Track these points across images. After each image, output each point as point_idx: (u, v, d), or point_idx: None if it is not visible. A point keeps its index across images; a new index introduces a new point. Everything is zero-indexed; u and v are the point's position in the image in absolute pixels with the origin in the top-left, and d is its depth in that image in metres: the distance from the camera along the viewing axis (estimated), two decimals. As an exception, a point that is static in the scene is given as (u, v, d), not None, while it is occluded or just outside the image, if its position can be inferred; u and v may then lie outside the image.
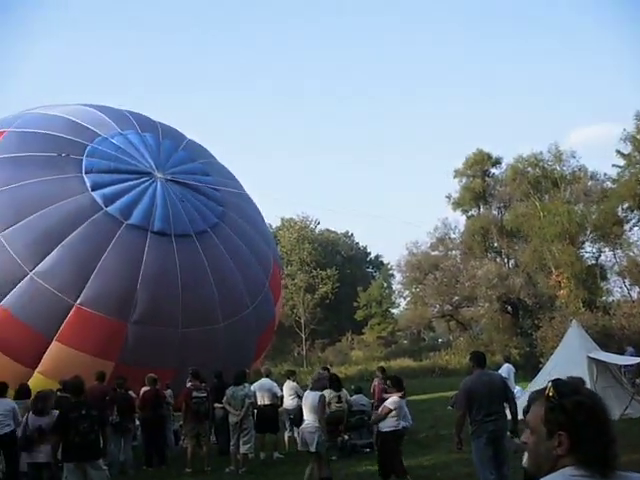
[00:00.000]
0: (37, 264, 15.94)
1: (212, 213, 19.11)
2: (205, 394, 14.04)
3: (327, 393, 14.91)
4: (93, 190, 17.29)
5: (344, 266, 63.40)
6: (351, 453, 14.72)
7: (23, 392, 12.74)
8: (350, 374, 37.03)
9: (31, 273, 15.86)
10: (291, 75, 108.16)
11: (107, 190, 17.44)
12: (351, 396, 15.60)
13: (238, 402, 13.56)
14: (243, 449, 13.47)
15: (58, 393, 11.91)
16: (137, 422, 14.77)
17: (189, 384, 14.23)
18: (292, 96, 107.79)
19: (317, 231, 62.30)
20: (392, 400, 10.62)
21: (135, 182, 18.02)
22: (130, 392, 14.17)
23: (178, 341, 16.71)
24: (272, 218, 55.41)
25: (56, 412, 9.37)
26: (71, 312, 15.87)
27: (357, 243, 74.59)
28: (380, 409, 10.60)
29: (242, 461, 13.40)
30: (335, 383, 15.10)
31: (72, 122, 18.85)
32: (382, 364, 28.90)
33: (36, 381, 14.63)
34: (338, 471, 12.58)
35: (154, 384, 14.43)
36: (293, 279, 51.62)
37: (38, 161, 17.35)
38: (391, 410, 10.40)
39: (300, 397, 15.85)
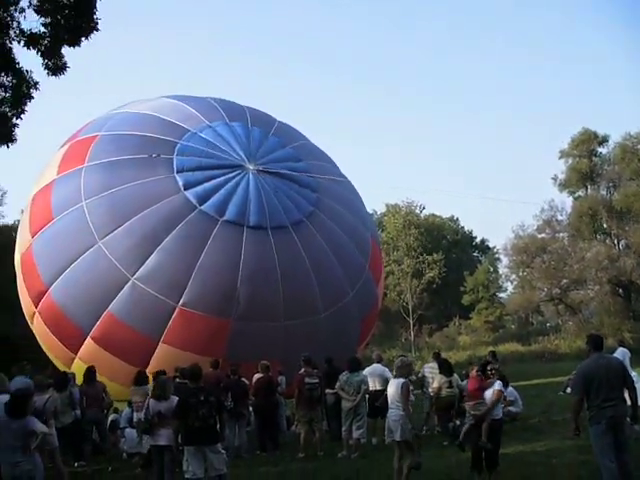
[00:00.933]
0: (137, 269, 16.24)
1: (306, 201, 18.92)
2: (317, 380, 14.15)
3: (438, 378, 14.91)
4: (186, 189, 17.38)
5: (450, 251, 62.66)
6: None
7: (141, 379, 13.31)
8: (459, 359, 36.59)
9: (132, 279, 16.19)
10: (390, 61, 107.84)
11: (200, 188, 17.50)
12: (462, 381, 15.43)
13: (353, 388, 13.64)
14: (356, 434, 13.53)
15: (177, 380, 12.27)
16: (250, 408, 15.03)
17: (302, 370, 14.39)
18: (390, 81, 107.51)
19: (422, 216, 61.77)
20: (499, 385, 10.40)
21: (227, 177, 18.00)
22: (243, 379, 14.44)
23: (281, 334, 16.75)
24: (377, 204, 55.30)
25: (175, 398, 9.68)
26: (174, 314, 16.14)
27: (462, 227, 73.58)
28: (492, 394, 10.30)
29: (355, 446, 13.46)
30: (446, 368, 14.97)
31: (160, 120, 19.00)
32: (490, 349, 28.48)
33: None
34: (450, 457, 12.47)
35: (267, 371, 14.61)
36: (399, 265, 51.38)
37: (131, 164, 17.58)
38: (503, 395, 10.18)
39: (412, 382, 15.85)
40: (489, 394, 10.13)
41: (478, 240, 75.08)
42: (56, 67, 12.89)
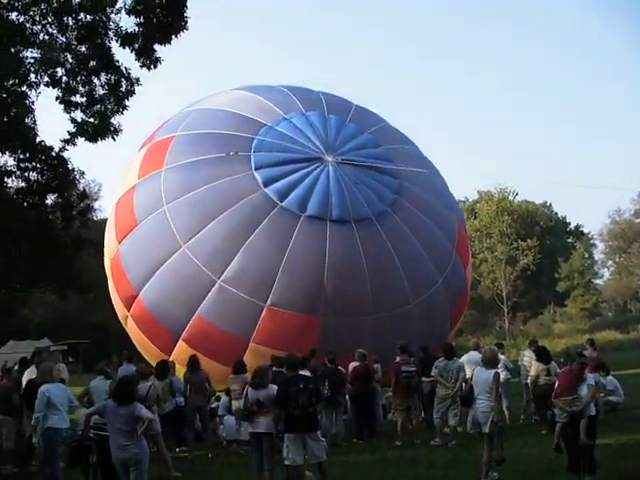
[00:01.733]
0: (223, 271, 16.16)
1: (389, 190, 18.42)
2: (414, 368, 14.10)
3: (536, 366, 14.63)
4: (265, 186, 17.12)
5: (543, 237, 61.33)
6: (562, 429, 14.27)
7: (239, 367, 13.57)
8: (555, 348, 35.81)
9: (219, 281, 16.14)
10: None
11: (279, 184, 17.23)
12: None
13: (451, 375, 13.55)
14: (452, 422, 13.35)
15: (273, 369, 12.44)
16: (347, 396, 15.08)
17: (398, 359, 14.36)
18: (485, 65, 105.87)
19: (515, 202, 60.65)
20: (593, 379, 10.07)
21: (306, 170, 17.66)
22: (340, 367, 14.50)
23: (372, 328, 16.53)
24: (469, 191, 54.60)
25: (274, 386, 9.82)
26: (263, 313, 16.04)
27: (556, 213, 71.96)
28: (588, 390, 9.87)
29: (451, 434, 13.36)
30: (544, 355, 14.60)
31: (235, 115, 18.74)
32: (587, 337, 27.81)
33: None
34: (548, 446, 12.26)
35: (363, 359, 14.61)
36: (493, 252, 50.69)
37: (209, 164, 17.44)
38: (603, 384, 9.81)
39: (509, 370, 15.62)
40: (584, 389, 9.66)
41: (572, 226, 73.35)
42: (150, 62, 13.25)
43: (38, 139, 13.04)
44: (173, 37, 13.06)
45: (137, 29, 12.96)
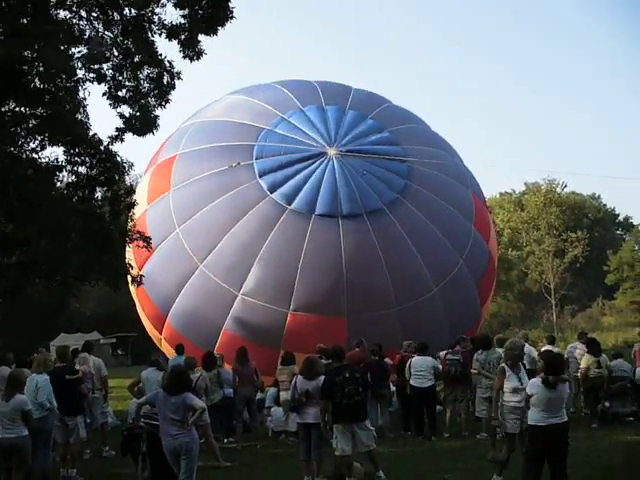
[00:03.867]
0: (242, 284, 16.37)
1: (397, 176, 18.20)
2: (459, 357, 13.99)
3: (586, 358, 14.37)
4: (272, 192, 17.14)
5: (592, 229, 60.37)
6: (613, 421, 13.91)
7: (288, 358, 13.78)
8: (604, 341, 35.20)
9: (240, 294, 16.38)
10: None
11: (285, 188, 17.22)
12: (610, 361, 14.85)
13: (493, 366, 13.39)
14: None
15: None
16: (393, 388, 15.04)
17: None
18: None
19: (563, 194, 59.77)
20: None
21: (310, 169, 17.55)
22: (386, 359, 14.45)
23: (397, 320, 16.52)
24: (516, 184, 53.99)
25: (322, 377, 9.85)
26: (288, 320, 16.20)
27: (605, 205, 70.82)
28: None
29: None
30: (594, 347, 14.34)
31: (233, 125, 18.71)
32: (638, 330, 27.30)
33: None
34: (600, 439, 12.07)
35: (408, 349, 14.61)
36: (540, 244, 50.06)
37: (214, 179, 17.54)
38: None
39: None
40: None
41: (621, 217, 72.13)
42: (194, 54, 13.33)
43: (90, 133, 13.16)
44: (219, 28, 13.10)
45: (182, 21, 13.03)
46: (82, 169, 13.39)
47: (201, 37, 13.24)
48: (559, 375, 8.19)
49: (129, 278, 15.14)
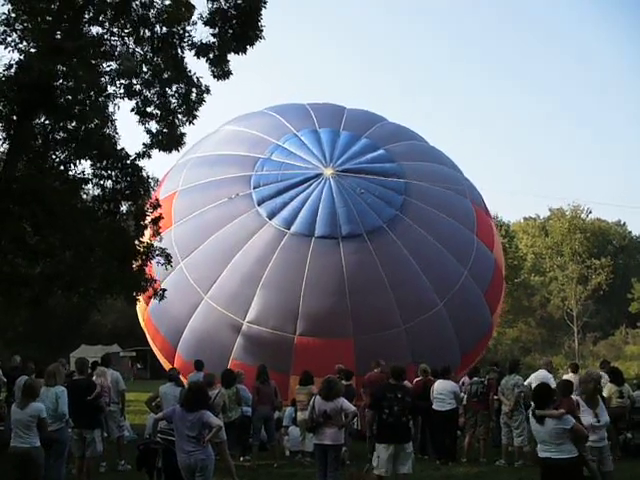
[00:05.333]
0: (246, 312, 16.41)
1: (395, 192, 18.13)
2: (483, 379, 13.98)
3: (608, 387, 14.17)
4: (271, 218, 17.26)
5: (616, 256, 59.96)
6: (636, 454, 13.67)
7: (306, 379, 13.70)
8: (626, 370, 34.81)
9: (245, 323, 16.42)
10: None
11: (284, 213, 17.31)
12: (633, 391, 14.64)
13: (509, 392, 13.31)
14: (517, 442, 13.05)
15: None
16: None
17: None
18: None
19: (588, 220, 59.44)
20: None
21: (307, 192, 17.62)
22: (406, 382, 14.33)
23: (405, 339, 16.43)
24: (541, 209, 53.69)
25: (342, 399, 9.79)
26: (294, 344, 16.16)
27: (630, 232, 70.31)
28: None
29: (517, 454, 13.07)
30: (617, 377, 14.13)
31: (229, 157, 18.87)
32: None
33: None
34: (623, 472, 11.80)
35: (425, 375, 14.51)
36: (563, 270, 49.75)
37: (214, 212, 17.71)
38: None
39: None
40: None
41: (647, 245, 71.59)
42: (222, 74, 13.44)
43: (119, 147, 13.28)
44: (248, 47, 13.20)
45: (212, 40, 13.15)
46: (108, 183, 13.47)
47: (230, 56, 13.34)
48: (543, 407, 7.88)
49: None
